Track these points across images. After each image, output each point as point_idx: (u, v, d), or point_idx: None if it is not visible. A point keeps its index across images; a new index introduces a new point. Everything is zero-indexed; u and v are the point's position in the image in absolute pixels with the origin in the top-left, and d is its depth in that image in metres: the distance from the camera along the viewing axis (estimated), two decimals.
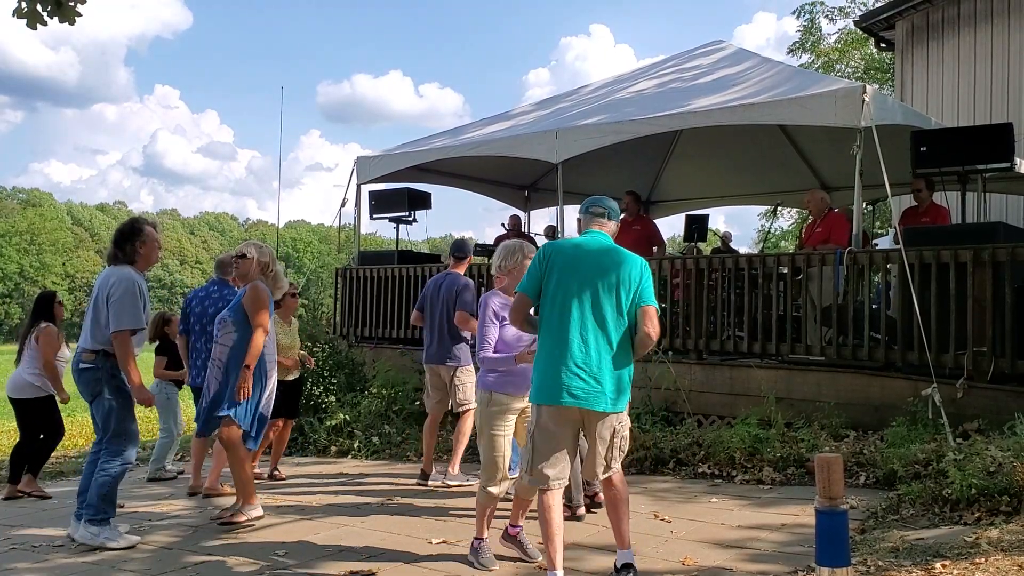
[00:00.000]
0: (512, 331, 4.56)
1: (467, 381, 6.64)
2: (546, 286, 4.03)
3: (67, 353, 7.08)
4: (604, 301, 3.96)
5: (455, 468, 6.66)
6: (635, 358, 4.08)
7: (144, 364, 5.51)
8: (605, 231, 4.20)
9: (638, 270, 4.03)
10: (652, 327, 3.98)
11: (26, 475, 6.91)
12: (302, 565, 4.60)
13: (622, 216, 9.83)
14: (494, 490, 4.56)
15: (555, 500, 4.05)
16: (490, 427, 4.59)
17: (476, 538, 4.60)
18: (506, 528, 4.72)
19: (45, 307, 7.14)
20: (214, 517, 5.69)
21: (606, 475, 4.10)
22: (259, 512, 5.55)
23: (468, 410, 6.58)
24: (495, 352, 4.63)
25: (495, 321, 4.67)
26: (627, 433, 4.11)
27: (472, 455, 6.59)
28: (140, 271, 5.31)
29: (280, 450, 7.32)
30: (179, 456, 8.54)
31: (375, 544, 4.96)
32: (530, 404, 4.14)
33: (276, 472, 7.15)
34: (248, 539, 5.17)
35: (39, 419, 6.94)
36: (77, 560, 4.86)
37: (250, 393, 5.41)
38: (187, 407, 8.73)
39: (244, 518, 5.46)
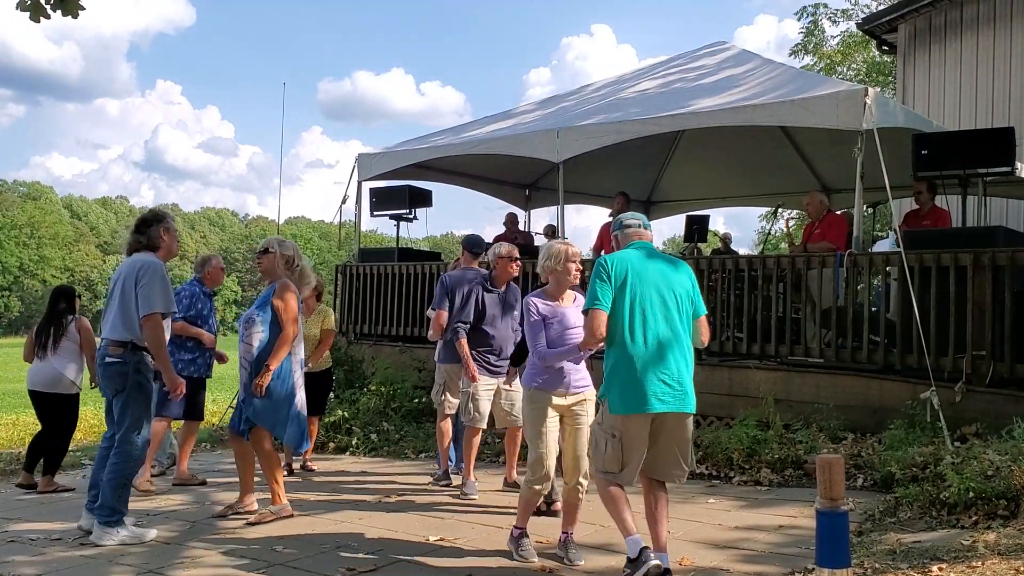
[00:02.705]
0: (555, 331, 4.56)
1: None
2: (619, 297, 4.08)
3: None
4: (676, 309, 4.11)
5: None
6: None
7: None
8: (646, 240, 4.33)
9: (693, 280, 4.26)
10: (707, 337, 4.29)
11: (44, 476, 6.76)
12: (300, 561, 4.60)
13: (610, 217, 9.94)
14: (539, 487, 4.59)
15: (623, 491, 4.18)
16: (534, 423, 4.59)
17: (516, 527, 4.65)
18: (512, 529, 4.74)
19: (70, 301, 7.03)
20: (217, 514, 5.70)
21: (684, 479, 4.26)
22: (289, 509, 5.55)
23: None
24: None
25: (541, 321, 4.61)
26: None
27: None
28: (162, 260, 5.23)
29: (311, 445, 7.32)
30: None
31: (373, 540, 4.97)
32: (612, 415, 4.08)
33: (307, 465, 7.30)
34: (246, 534, 5.17)
35: (65, 415, 6.85)
36: (75, 554, 4.85)
37: (262, 391, 5.34)
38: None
39: (273, 517, 5.45)
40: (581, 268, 4.79)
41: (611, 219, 9.97)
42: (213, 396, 10.96)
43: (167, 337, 5.26)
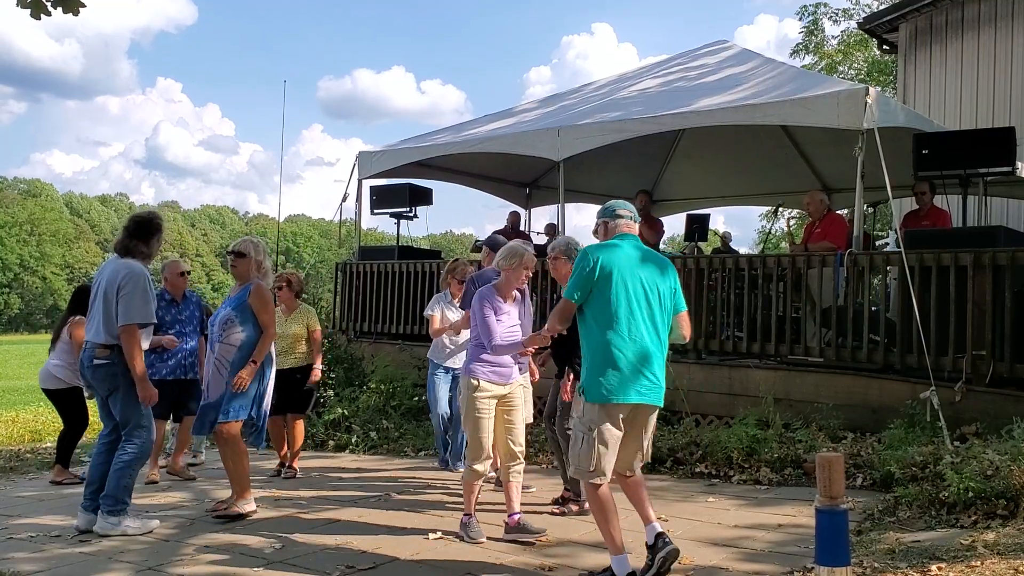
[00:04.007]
0: (504, 325, 4.93)
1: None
2: (601, 289, 4.07)
3: None
4: (658, 304, 4.16)
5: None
6: None
7: None
8: (634, 233, 4.32)
9: (675, 275, 4.31)
10: (688, 331, 4.39)
11: (56, 465, 7.03)
12: (299, 558, 4.60)
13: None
14: (479, 467, 4.95)
15: (607, 489, 4.14)
16: (476, 411, 4.92)
17: (465, 514, 4.99)
18: (506, 522, 4.95)
19: (83, 301, 7.14)
20: (209, 509, 5.72)
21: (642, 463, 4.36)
22: (252, 507, 5.58)
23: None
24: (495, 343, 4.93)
25: (494, 314, 4.96)
26: None
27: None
28: (146, 265, 5.33)
29: (296, 446, 7.05)
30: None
31: (372, 538, 4.97)
32: (589, 404, 4.10)
33: (290, 468, 7.01)
34: (245, 532, 5.17)
35: (65, 410, 7.04)
36: (74, 550, 4.86)
37: (246, 385, 5.42)
38: None
39: (237, 511, 5.49)
40: (531, 276, 5.19)
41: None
42: None
43: (146, 345, 5.42)
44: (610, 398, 4.03)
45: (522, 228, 11.99)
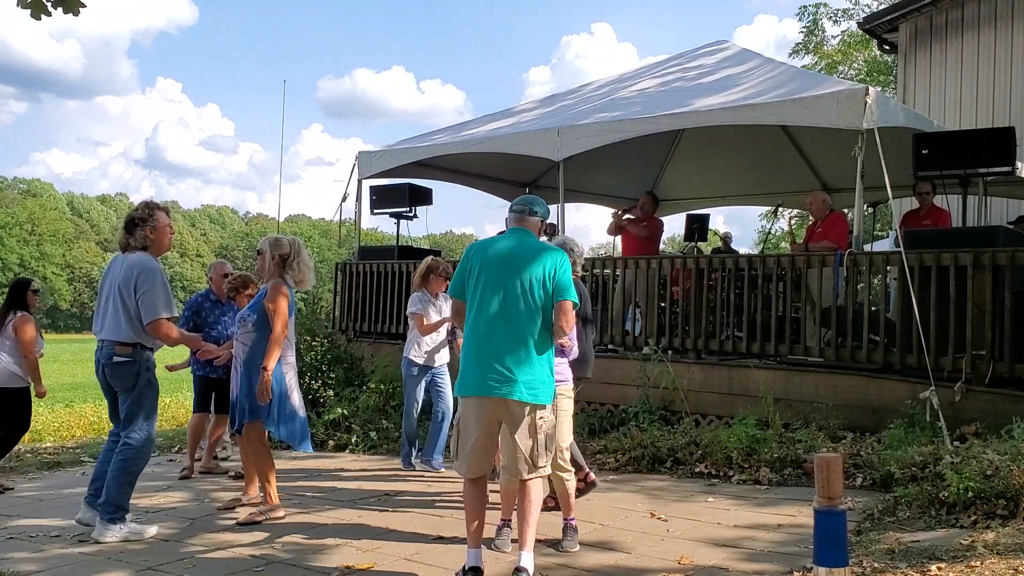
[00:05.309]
0: None
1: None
2: (468, 284, 4.28)
3: (41, 343, 7.11)
4: (517, 295, 4.14)
5: None
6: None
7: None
8: (527, 227, 4.40)
9: (552, 265, 4.19)
10: (566, 321, 4.18)
11: None
12: (298, 558, 4.61)
13: (639, 215, 10.00)
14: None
15: (478, 487, 4.24)
16: None
17: (502, 520, 4.83)
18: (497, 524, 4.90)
19: (20, 295, 6.92)
20: (223, 505, 5.76)
21: (530, 475, 4.18)
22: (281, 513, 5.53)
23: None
24: None
25: None
26: (551, 431, 4.23)
27: None
28: (154, 257, 5.24)
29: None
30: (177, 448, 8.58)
31: (372, 538, 4.97)
32: (457, 396, 4.34)
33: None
34: (245, 532, 5.17)
35: (12, 410, 6.76)
36: (74, 551, 4.86)
37: (270, 396, 5.30)
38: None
39: (262, 517, 5.42)
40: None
41: (628, 216, 10.02)
42: None
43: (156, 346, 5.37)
44: (464, 391, 4.21)
45: None
